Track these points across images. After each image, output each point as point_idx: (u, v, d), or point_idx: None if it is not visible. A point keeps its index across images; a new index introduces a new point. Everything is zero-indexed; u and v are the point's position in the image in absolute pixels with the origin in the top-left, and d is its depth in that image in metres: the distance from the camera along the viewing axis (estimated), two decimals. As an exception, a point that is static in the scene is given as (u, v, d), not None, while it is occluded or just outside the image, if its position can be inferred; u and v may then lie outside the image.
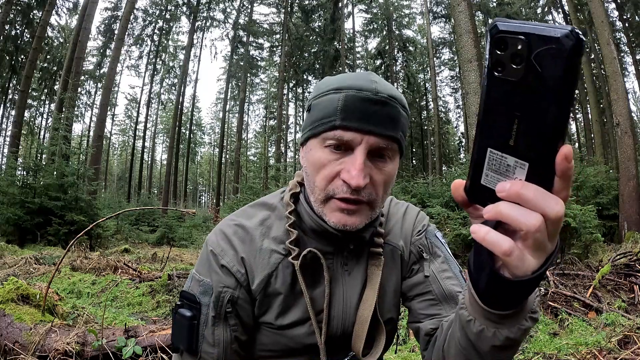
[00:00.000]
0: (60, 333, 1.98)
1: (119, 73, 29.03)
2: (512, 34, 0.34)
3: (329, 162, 0.66)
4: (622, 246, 6.02)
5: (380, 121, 0.64)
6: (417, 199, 8.54)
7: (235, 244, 0.75)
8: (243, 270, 0.74)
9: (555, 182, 0.36)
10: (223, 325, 0.72)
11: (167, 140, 28.77)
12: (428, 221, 0.88)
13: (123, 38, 14.90)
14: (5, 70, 19.25)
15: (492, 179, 0.39)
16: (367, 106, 0.64)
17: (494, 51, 0.35)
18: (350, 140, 0.64)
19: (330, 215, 0.68)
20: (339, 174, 0.66)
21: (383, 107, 0.64)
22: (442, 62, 25.76)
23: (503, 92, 0.35)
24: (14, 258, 5.23)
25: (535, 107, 0.34)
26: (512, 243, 0.38)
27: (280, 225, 0.77)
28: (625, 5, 15.79)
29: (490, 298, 0.48)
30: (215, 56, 59.63)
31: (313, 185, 0.69)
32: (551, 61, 0.33)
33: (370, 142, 0.64)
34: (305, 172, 0.72)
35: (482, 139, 0.39)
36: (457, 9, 6.76)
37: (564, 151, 0.35)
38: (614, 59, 8.35)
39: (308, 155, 0.70)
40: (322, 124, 0.66)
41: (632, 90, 24.81)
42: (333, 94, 0.66)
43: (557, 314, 3.09)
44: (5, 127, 24.09)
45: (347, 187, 0.65)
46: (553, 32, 0.32)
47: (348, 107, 0.64)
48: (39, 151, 19.22)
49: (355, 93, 0.64)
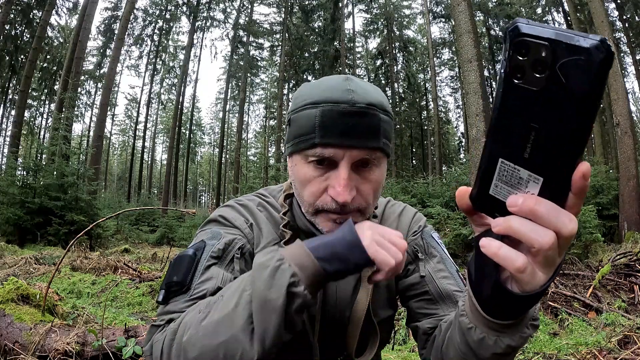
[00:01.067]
0: (60, 333, 1.98)
1: (119, 73, 29.06)
2: (535, 38, 0.31)
3: (314, 179, 0.66)
4: (622, 246, 6.02)
5: (361, 134, 0.62)
6: (417, 199, 8.54)
7: (244, 213, 0.79)
8: (252, 234, 0.77)
9: (569, 198, 0.35)
10: (226, 267, 0.69)
11: (167, 140, 28.78)
12: (425, 222, 0.88)
13: (123, 38, 14.90)
14: (5, 70, 19.26)
15: (502, 190, 0.37)
16: (345, 120, 0.62)
17: (514, 56, 0.32)
18: (332, 155, 0.63)
19: (323, 225, 0.68)
20: (326, 189, 0.66)
21: (362, 119, 0.62)
22: (442, 62, 25.74)
23: (521, 100, 0.33)
24: (14, 258, 5.23)
25: (556, 120, 0.32)
26: (525, 260, 0.36)
27: (275, 223, 0.80)
28: (625, 5, 15.79)
29: (494, 308, 0.47)
30: (215, 56, 59.68)
31: (302, 198, 0.70)
32: (578, 73, 0.30)
33: (353, 155, 0.63)
34: (294, 185, 0.73)
35: (493, 148, 0.36)
36: (457, 9, 6.75)
37: (582, 169, 0.33)
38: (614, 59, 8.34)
39: (294, 169, 0.70)
40: (302, 141, 0.65)
41: (632, 90, 24.80)
42: (310, 108, 0.64)
43: (557, 314, 3.09)
44: (5, 127, 24.12)
45: (335, 203, 0.65)
46: (583, 41, 0.30)
47: (325, 124, 0.62)
48: (39, 151, 19.22)
49: (331, 107, 0.62)
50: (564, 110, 0.31)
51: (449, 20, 21.08)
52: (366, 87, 0.66)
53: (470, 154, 6.54)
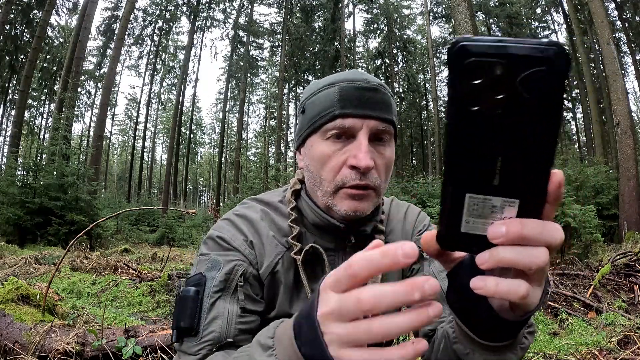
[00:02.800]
0: (60, 333, 1.98)
1: (119, 73, 29.05)
2: (487, 57, 0.28)
3: (333, 153, 0.68)
4: (622, 246, 6.02)
5: (377, 105, 0.68)
6: (417, 199, 8.54)
7: (244, 230, 0.76)
8: (254, 254, 0.74)
9: (545, 207, 0.34)
10: (230, 299, 0.68)
11: (167, 140, 28.78)
12: (429, 221, 0.89)
13: (123, 38, 14.90)
14: (5, 70, 19.26)
15: (476, 225, 0.33)
16: (362, 93, 0.68)
17: (466, 81, 0.28)
18: (352, 126, 0.67)
19: (341, 204, 0.69)
20: (345, 162, 0.68)
21: (376, 93, 0.69)
22: (442, 62, 25.72)
23: (481, 128, 0.29)
24: (14, 258, 5.23)
25: (523, 139, 0.29)
26: (527, 285, 0.34)
27: (281, 221, 0.78)
28: (625, 5, 15.80)
29: (490, 335, 0.46)
30: (215, 56, 59.56)
31: (320, 179, 0.70)
32: (541, 84, 0.28)
33: (371, 125, 0.67)
34: (309, 170, 0.73)
35: (456, 185, 0.32)
36: (457, 9, 6.75)
37: (556, 179, 0.32)
38: (614, 59, 8.35)
39: (310, 152, 0.72)
40: (321, 117, 0.69)
41: (632, 90, 24.82)
42: (327, 89, 0.70)
43: (557, 314, 3.09)
44: (5, 127, 24.10)
45: (355, 174, 0.66)
46: (539, 50, 0.27)
47: (345, 96, 0.68)
48: (39, 151, 19.24)
49: (349, 84, 0.68)
50: (530, 125, 0.29)
51: (449, 20, 21.08)
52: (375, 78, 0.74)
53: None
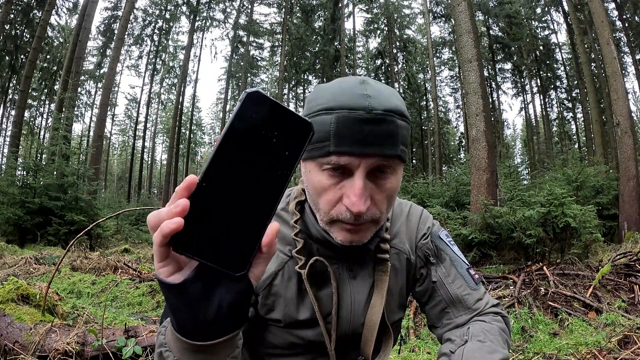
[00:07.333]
0: (60, 333, 1.98)
1: (119, 73, 29.00)
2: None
3: (329, 187, 0.64)
4: (622, 246, 6.02)
5: (377, 141, 0.60)
6: (417, 199, 8.55)
7: None
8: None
9: None
10: None
11: (167, 140, 28.78)
12: (432, 221, 0.88)
13: (123, 38, 14.90)
14: (5, 70, 19.25)
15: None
16: (362, 127, 0.59)
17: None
18: (347, 164, 0.61)
19: (337, 234, 0.68)
20: (340, 198, 0.64)
21: (379, 126, 0.60)
22: (442, 62, 25.71)
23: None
24: (14, 258, 5.23)
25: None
26: None
27: (284, 229, 0.77)
28: (625, 5, 15.79)
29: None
30: (216, 56, 59.67)
31: (317, 206, 0.68)
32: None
33: (369, 163, 0.61)
34: (308, 192, 0.71)
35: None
36: (457, 9, 6.75)
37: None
38: (614, 59, 8.35)
39: (308, 176, 0.68)
40: (316, 148, 0.63)
41: (632, 90, 24.71)
42: (325, 114, 0.62)
43: (557, 314, 3.09)
44: (5, 127, 24.08)
45: (350, 214, 0.63)
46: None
47: (341, 132, 0.60)
48: (39, 151, 19.22)
49: (347, 114, 0.60)
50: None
51: (449, 20, 21.06)
52: (383, 92, 0.64)
53: (471, 154, 6.55)
